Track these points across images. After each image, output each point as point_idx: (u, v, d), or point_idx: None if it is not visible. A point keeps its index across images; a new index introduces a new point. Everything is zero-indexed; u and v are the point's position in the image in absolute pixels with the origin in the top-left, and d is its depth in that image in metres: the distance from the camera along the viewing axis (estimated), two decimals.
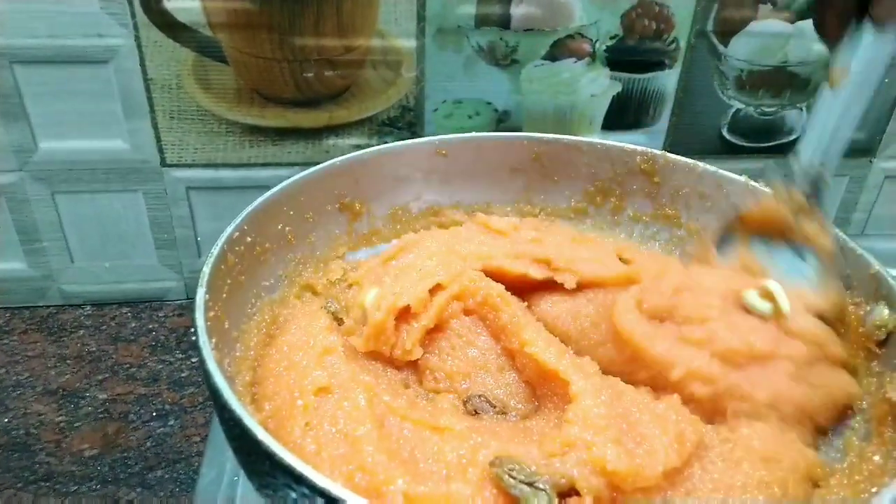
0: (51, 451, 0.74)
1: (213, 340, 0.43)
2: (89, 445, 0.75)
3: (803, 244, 0.54)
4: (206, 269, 0.46)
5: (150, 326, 0.87)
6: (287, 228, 0.56)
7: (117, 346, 0.85)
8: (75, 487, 0.72)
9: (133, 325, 0.87)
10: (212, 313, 0.44)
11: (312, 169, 0.57)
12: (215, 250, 0.48)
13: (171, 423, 0.78)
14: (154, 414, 0.78)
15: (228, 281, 0.49)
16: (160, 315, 0.89)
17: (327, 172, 0.58)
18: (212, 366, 0.40)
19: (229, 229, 0.50)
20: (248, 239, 0.52)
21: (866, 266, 0.51)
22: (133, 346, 0.85)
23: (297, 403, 0.43)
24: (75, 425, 0.77)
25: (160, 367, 0.83)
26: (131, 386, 0.81)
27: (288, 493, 0.37)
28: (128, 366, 0.83)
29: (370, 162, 0.61)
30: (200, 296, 0.44)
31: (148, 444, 0.76)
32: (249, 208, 0.52)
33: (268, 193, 0.54)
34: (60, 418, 0.77)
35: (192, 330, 0.42)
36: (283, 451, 0.36)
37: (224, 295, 0.48)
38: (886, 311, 0.49)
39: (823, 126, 0.52)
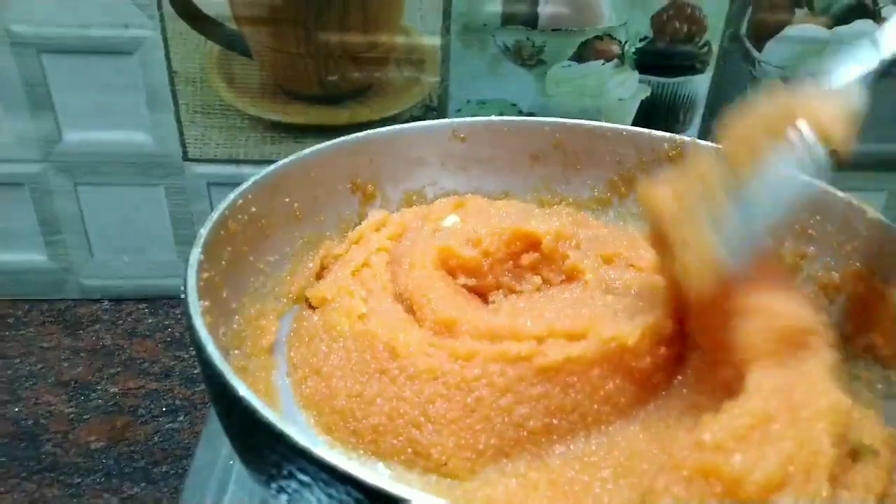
0: (57, 443, 0.73)
1: (206, 303, 0.41)
2: (96, 438, 0.74)
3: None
4: (203, 231, 0.45)
5: (167, 322, 0.87)
6: (295, 204, 0.55)
7: (132, 341, 0.84)
8: (79, 479, 0.70)
9: (150, 320, 0.87)
10: (206, 275, 0.43)
11: (324, 144, 0.56)
12: (215, 214, 0.46)
13: (181, 418, 0.76)
14: (164, 409, 0.77)
15: (229, 248, 0.48)
16: (177, 312, 0.88)
17: (339, 149, 0.57)
18: (197, 322, 0.38)
19: (232, 196, 0.49)
20: (253, 209, 0.51)
21: None
22: (148, 341, 0.84)
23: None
24: (84, 417, 0.75)
25: (174, 363, 0.82)
26: (143, 380, 0.80)
27: (273, 458, 0.34)
28: (141, 360, 0.82)
29: (385, 141, 0.59)
30: (194, 255, 0.42)
31: (155, 438, 0.74)
32: (255, 178, 0.51)
33: (276, 164, 0.53)
34: (70, 410, 0.76)
35: (182, 289, 0.40)
36: (265, 408, 0.33)
37: (223, 262, 0.47)
38: None
39: None
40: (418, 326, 0.47)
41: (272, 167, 0.52)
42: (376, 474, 0.30)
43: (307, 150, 0.55)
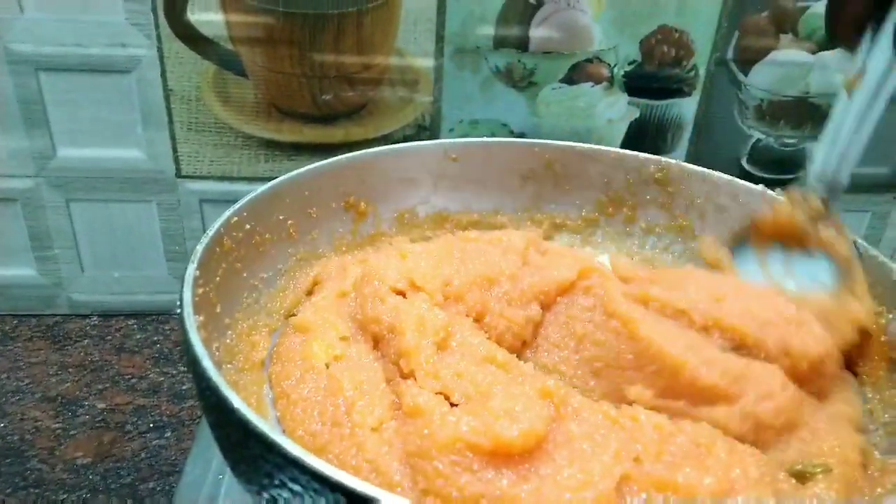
0: (43, 458, 0.73)
1: (200, 318, 0.42)
2: (83, 454, 0.73)
3: (820, 250, 0.52)
4: (199, 248, 0.45)
5: (156, 338, 0.86)
6: (289, 221, 0.56)
7: (120, 357, 0.84)
8: (65, 495, 0.70)
9: (138, 336, 0.87)
10: (201, 290, 0.43)
11: (318, 164, 0.57)
12: (211, 231, 0.47)
13: (168, 435, 0.76)
14: (151, 425, 0.77)
15: (224, 265, 0.48)
16: (166, 328, 0.88)
17: (333, 168, 0.58)
18: (193, 336, 0.38)
19: (228, 213, 0.49)
20: (248, 226, 0.51)
21: (888, 274, 0.49)
22: (136, 357, 0.84)
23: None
24: (71, 433, 0.75)
25: (161, 378, 0.82)
26: (131, 396, 0.79)
27: (265, 468, 0.35)
28: (129, 376, 0.82)
29: (377, 161, 0.60)
30: (190, 272, 0.43)
31: (142, 455, 0.74)
32: (251, 195, 0.51)
33: (271, 183, 0.53)
34: (57, 425, 0.76)
35: (178, 303, 0.41)
36: (257, 419, 0.34)
37: (218, 278, 0.47)
38: None
39: (838, 131, 0.52)
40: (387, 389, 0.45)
41: (267, 185, 0.53)
42: (366, 483, 0.30)
43: (301, 169, 0.56)
